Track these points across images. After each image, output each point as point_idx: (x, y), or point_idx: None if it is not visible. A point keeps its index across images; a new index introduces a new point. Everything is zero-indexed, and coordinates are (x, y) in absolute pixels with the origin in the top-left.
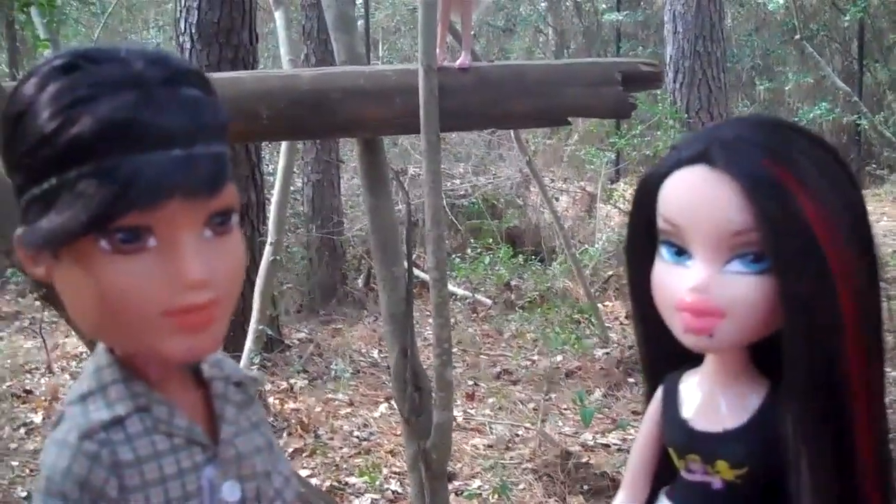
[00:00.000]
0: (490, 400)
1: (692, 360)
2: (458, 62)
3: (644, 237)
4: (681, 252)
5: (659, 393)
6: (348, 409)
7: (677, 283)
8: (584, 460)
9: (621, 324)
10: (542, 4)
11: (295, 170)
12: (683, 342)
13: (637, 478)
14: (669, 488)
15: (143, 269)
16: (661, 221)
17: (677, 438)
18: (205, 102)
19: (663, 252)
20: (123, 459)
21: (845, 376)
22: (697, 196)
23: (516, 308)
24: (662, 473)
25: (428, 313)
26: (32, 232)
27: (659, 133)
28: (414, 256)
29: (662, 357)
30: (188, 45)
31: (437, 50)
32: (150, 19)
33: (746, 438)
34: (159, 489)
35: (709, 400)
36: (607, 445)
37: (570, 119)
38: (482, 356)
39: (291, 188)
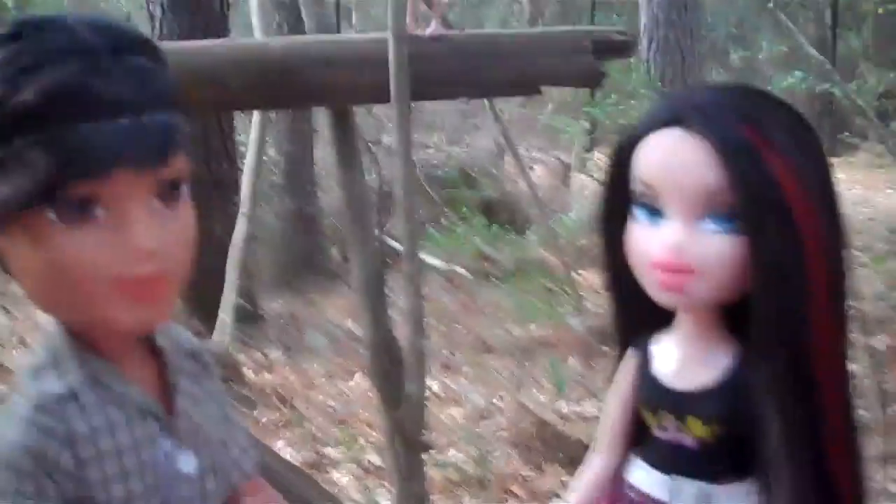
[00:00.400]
0: (466, 370)
1: (664, 323)
2: (428, 31)
3: (618, 201)
4: (655, 212)
5: (631, 354)
6: (324, 380)
7: (652, 242)
8: (560, 429)
9: (597, 293)
10: None
11: (268, 140)
12: (657, 300)
13: (610, 439)
14: (641, 448)
15: (91, 241)
16: (637, 183)
17: (650, 397)
18: (153, 71)
19: (637, 214)
20: (78, 431)
21: (812, 337)
22: (672, 157)
23: (491, 278)
24: (635, 435)
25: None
26: None
27: (633, 102)
28: (387, 227)
29: (635, 320)
30: (158, 14)
31: (409, 18)
32: None
33: (718, 396)
34: (115, 460)
35: (681, 359)
36: (583, 414)
37: (543, 89)
38: (458, 326)
39: (265, 159)
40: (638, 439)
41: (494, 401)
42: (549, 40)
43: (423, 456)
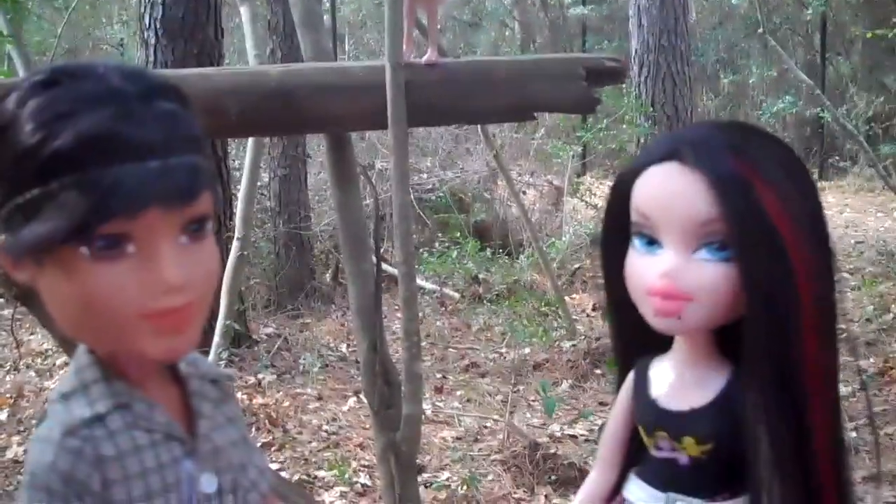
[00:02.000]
0: (458, 392)
1: (661, 347)
2: (424, 58)
3: (618, 231)
4: (652, 242)
5: (630, 377)
6: (317, 404)
7: (649, 270)
8: (552, 451)
9: (588, 316)
10: None
11: (261, 165)
12: (654, 325)
13: (609, 459)
14: (639, 468)
15: (122, 275)
16: (635, 214)
17: (647, 417)
18: (180, 115)
19: (636, 243)
20: (105, 454)
21: (801, 360)
22: (668, 190)
23: (484, 301)
24: (633, 456)
25: (396, 307)
26: (15, 240)
27: (624, 126)
28: (382, 251)
29: (634, 344)
30: (153, 41)
31: (404, 46)
32: (113, 14)
33: (711, 416)
34: (140, 482)
35: (677, 380)
36: (574, 436)
37: (535, 115)
38: (450, 349)
39: (258, 183)
40: (636, 458)
41: (487, 423)
42: (542, 67)
43: (417, 477)
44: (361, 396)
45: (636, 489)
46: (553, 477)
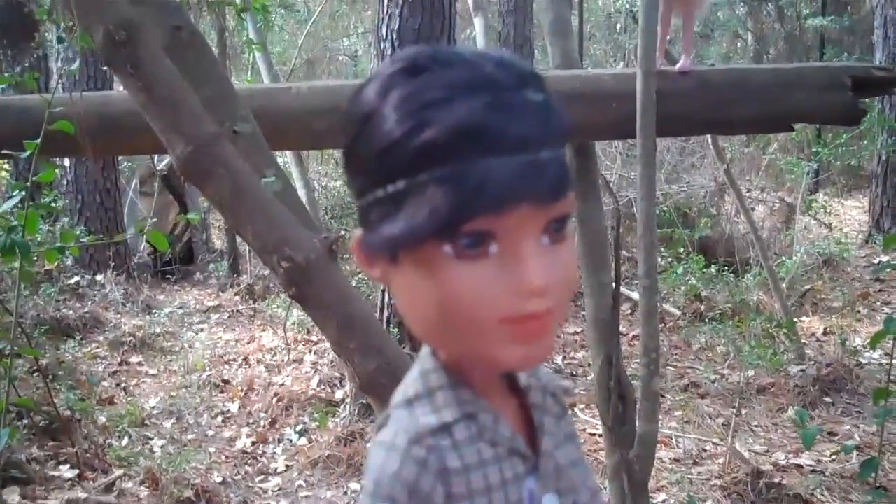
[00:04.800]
0: (677, 413)
1: None
2: (678, 65)
3: None
4: None
5: None
6: None
7: None
8: (775, 480)
9: (818, 340)
10: (742, 9)
11: None
12: None
13: None
14: None
15: (483, 276)
16: None
17: None
18: (551, 107)
19: None
20: (451, 466)
21: None
22: None
23: (706, 320)
24: None
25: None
26: (374, 235)
27: (865, 143)
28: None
29: None
30: (389, 51)
31: (657, 53)
32: (350, 26)
33: None
34: (484, 499)
35: None
36: (800, 466)
37: (794, 126)
38: (669, 367)
39: None
40: None
41: (706, 447)
42: (804, 76)
43: (648, 497)
44: (577, 410)
45: None
46: None
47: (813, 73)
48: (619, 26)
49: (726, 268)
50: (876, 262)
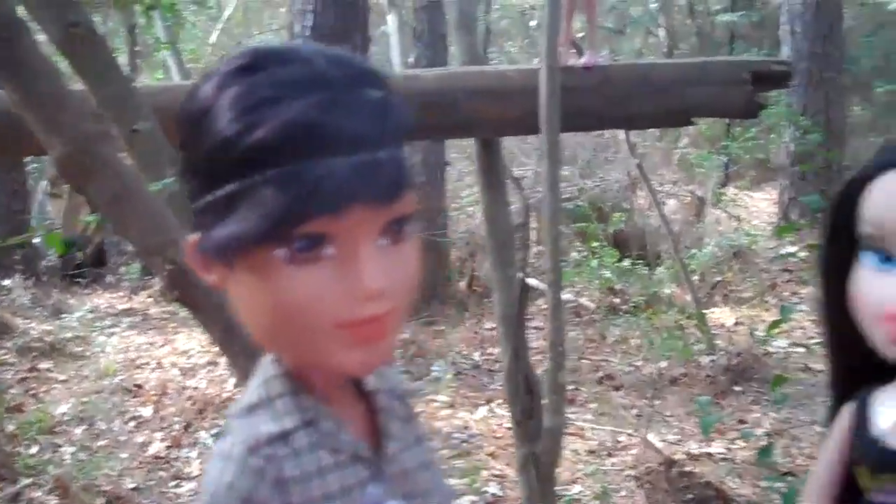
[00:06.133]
0: (592, 405)
1: (886, 377)
2: (582, 60)
3: (842, 245)
4: (887, 259)
5: (847, 410)
6: (449, 411)
7: (884, 291)
8: (687, 469)
9: (728, 331)
10: (654, 5)
11: None
12: (887, 354)
13: (818, 499)
14: None
15: (319, 279)
16: (866, 227)
17: (869, 457)
18: (389, 105)
19: (866, 260)
20: (289, 476)
21: None
22: None
23: (620, 313)
24: (844, 495)
25: (530, 317)
26: (207, 239)
27: (773, 136)
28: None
29: (853, 374)
30: None
31: (563, 48)
32: (264, 22)
33: None
34: None
35: None
36: (711, 455)
37: (695, 120)
38: (584, 360)
39: None
40: (848, 499)
41: (621, 438)
42: (706, 71)
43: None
44: (493, 405)
45: None
46: (689, 496)
47: (714, 68)
48: (533, 23)
49: (640, 261)
50: (784, 252)
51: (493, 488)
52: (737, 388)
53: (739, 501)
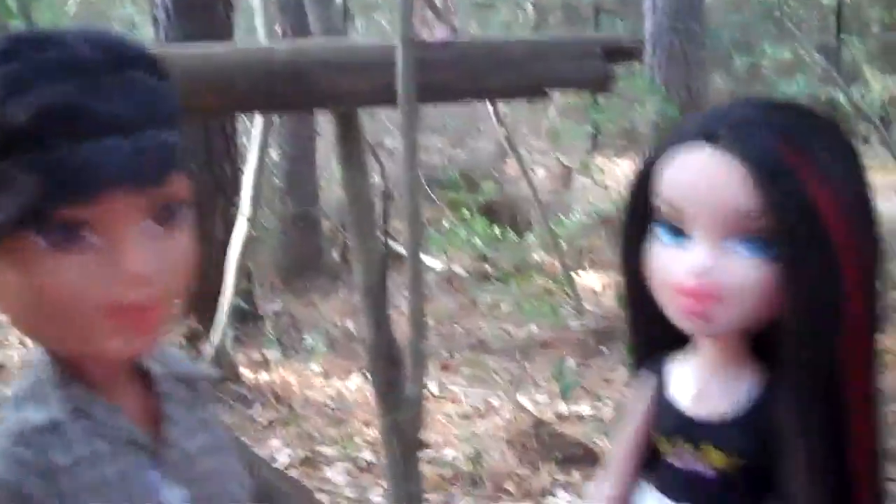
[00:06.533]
0: (465, 370)
1: (681, 344)
2: (436, 36)
3: (641, 218)
4: (679, 233)
5: (645, 376)
6: (322, 381)
7: (676, 265)
8: (557, 429)
9: (595, 294)
10: None
11: (270, 143)
12: (680, 326)
13: (620, 464)
14: (653, 474)
15: (81, 267)
16: (660, 201)
17: (665, 423)
18: (154, 87)
19: (660, 233)
20: (58, 464)
21: (846, 367)
22: (700, 177)
23: (492, 279)
24: (646, 460)
25: (404, 285)
26: None
27: (637, 106)
28: (389, 229)
29: (651, 341)
30: (163, 18)
31: (417, 23)
32: None
33: (742, 427)
34: (99, 494)
35: (703, 386)
36: (581, 415)
37: (548, 92)
38: (457, 327)
39: (266, 161)
40: (649, 464)
41: (491, 400)
42: (559, 47)
43: (419, 454)
44: (367, 374)
45: (649, 499)
46: (558, 455)
47: (567, 44)
48: None
49: (510, 229)
50: None
51: (366, 454)
52: (604, 350)
53: (606, 458)
